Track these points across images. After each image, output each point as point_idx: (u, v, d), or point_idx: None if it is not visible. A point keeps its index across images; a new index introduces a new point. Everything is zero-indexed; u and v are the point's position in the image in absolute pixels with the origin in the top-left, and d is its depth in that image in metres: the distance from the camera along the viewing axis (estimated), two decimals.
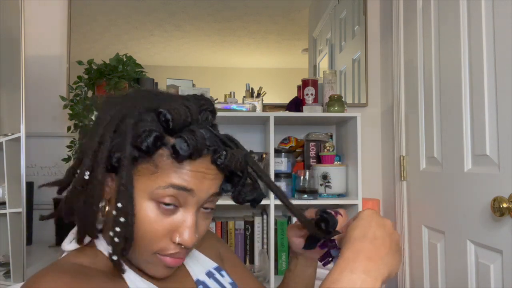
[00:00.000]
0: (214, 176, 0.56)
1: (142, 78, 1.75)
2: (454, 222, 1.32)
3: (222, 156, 0.55)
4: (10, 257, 1.45)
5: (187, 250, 0.57)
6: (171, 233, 0.54)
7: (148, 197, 0.53)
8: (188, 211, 0.55)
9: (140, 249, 0.54)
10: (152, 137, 0.51)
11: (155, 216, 0.53)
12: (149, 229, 0.53)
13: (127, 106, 0.55)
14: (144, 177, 0.53)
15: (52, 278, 0.49)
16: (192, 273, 0.67)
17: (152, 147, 0.51)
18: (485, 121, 1.15)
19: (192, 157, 0.53)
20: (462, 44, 1.28)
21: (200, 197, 0.55)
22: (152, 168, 0.53)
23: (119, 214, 0.50)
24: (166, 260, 0.55)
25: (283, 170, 1.69)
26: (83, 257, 0.57)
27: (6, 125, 1.58)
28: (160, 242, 0.54)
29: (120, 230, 0.50)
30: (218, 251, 0.77)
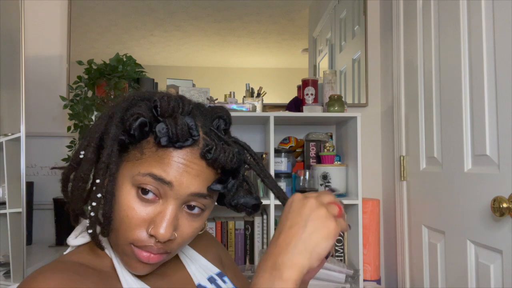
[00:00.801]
0: (198, 172, 0.54)
1: (142, 78, 1.75)
2: (454, 222, 1.32)
3: (212, 150, 0.54)
4: (10, 257, 1.45)
5: (162, 247, 0.54)
6: (147, 223, 0.53)
7: (131, 183, 0.53)
8: (168, 204, 0.53)
9: (118, 236, 0.54)
10: (138, 121, 0.52)
11: (134, 203, 0.53)
12: (125, 214, 0.52)
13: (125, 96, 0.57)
14: (131, 163, 0.54)
15: (48, 277, 0.50)
16: (194, 278, 0.66)
17: (138, 132, 0.53)
18: (485, 121, 1.15)
19: (175, 144, 0.52)
20: (462, 44, 1.28)
21: (179, 191, 0.53)
22: (138, 154, 0.54)
23: (97, 190, 0.52)
24: (139, 253, 0.53)
25: (283, 170, 1.69)
26: (84, 255, 0.58)
27: (6, 125, 1.58)
28: (136, 231, 0.53)
29: (95, 204, 0.52)
30: (219, 256, 0.76)
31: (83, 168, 0.53)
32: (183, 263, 0.68)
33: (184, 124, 0.52)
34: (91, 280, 0.53)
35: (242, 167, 0.60)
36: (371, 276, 1.75)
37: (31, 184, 1.81)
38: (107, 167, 0.52)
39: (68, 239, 0.61)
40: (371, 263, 1.75)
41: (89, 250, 0.59)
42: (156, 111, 0.53)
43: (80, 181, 0.54)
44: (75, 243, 0.60)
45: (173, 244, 0.55)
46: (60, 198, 1.78)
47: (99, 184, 0.52)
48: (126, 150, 0.55)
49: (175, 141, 0.52)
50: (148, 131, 0.53)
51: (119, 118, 0.53)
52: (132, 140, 0.54)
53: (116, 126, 0.53)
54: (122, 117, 0.53)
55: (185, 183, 0.53)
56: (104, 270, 0.57)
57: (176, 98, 0.55)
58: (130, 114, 0.53)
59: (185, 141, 0.53)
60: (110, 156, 0.52)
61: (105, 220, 0.52)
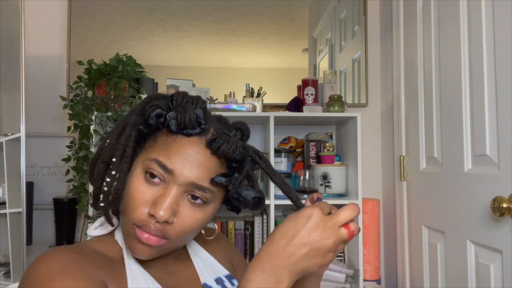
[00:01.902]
0: (200, 162, 0.57)
1: (142, 78, 1.75)
2: (454, 222, 1.32)
3: (216, 139, 0.58)
4: (10, 257, 1.45)
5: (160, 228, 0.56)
6: (149, 204, 0.56)
7: (141, 167, 0.58)
8: (170, 188, 0.56)
9: (125, 217, 0.58)
10: (155, 111, 0.58)
11: (140, 184, 0.57)
12: (132, 195, 0.57)
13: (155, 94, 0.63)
14: (145, 150, 0.60)
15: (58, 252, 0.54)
16: (200, 276, 0.67)
17: (154, 121, 0.59)
18: (485, 121, 1.15)
19: (184, 131, 0.57)
20: (462, 44, 1.28)
21: (180, 179, 0.56)
22: (151, 143, 0.59)
23: (113, 168, 0.58)
24: (140, 233, 0.56)
25: (283, 170, 1.69)
26: (100, 244, 0.62)
27: (6, 125, 1.58)
28: (138, 211, 0.56)
29: (110, 180, 0.58)
30: (229, 257, 0.77)
31: (106, 151, 0.59)
32: (192, 261, 0.69)
33: (193, 112, 0.57)
34: (97, 263, 0.56)
35: (247, 163, 0.62)
36: (371, 276, 1.75)
37: (31, 184, 1.81)
38: (124, 150, 0.58)
39: (88, 229, 0.65)
40: (371, 263, 1.75)
41: (105, 240, 0.63)
42: (172, 104, 0.59)
43: (102, 163, 0.59)
44: (93, 234, 0.64)
45: (172, 230, 0.57)
46: (60, 198, 1.78)
47: (114, 163, 0.58)
48: (144, 140, 0.61)
49: (183, 128, 0.57)
50: (163, 122, 0.59)
51: (140, 109, 0.60)
52: (149, 130, 0.60)
53: (136, 115, 0.60)
54: (143, 108, 0.60)
55: (186, 171, 0.56)
56: (113, 257, 0.60)
57: (192, 96, 0.61)
58: (149, 106, 0.59)
59: (193, 128, 0.57)
60: (127, 139, 0.58)
61: (114, 196, 0.57)
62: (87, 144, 1.54)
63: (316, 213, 0.51)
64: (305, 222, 0.51)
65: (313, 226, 0.51)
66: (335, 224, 0.52)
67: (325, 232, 0.51)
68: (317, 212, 0.51)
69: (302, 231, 0.50)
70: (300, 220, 0.51)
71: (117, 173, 0.58)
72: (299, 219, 0.52)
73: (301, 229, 0.51)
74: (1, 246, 1.57)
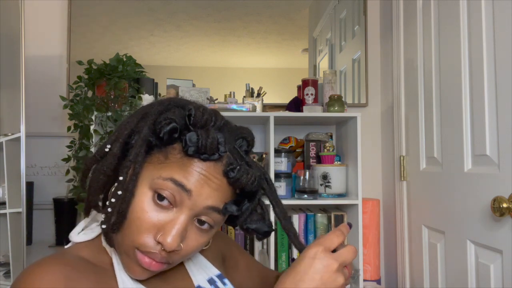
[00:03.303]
0: (218, 186, 0.54)
1: (142, 78, 1.75)
2: (454, 222, 1.32)
3: (235, 169, 0.54)
4: (10, 257, 1.45)
5: (166, 256, 0.54)
6: (156, 229, 0.53)
7: (149, 185, 0.53)
8: (181, 213, 0.53)
9: (125, 236, 0.54)
10: (170, 126, 0.53)
11: (148, 206, 0.53)
12: (137, 216, 0.52)
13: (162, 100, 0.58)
14: (152, 165, 0.54)
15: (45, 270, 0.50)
16: (193, 279, 0.66)
17: (167, 136, 0.53)
18: (485, 121, 1.15)
19: (201, 155, 0.53)
20: (462, 44, 1.28)
21: (197, 202, 0.53)
22: (161, 158, 0.54)
23: (118, 187, 0.52)
24: (142, 258, 0.53)
25: (283, 170, 1.69)
26: (86, 250, 0.58)
27: (6, 125, 1.58)
28: (143, 236, 0.52)
29: (115, 201, 0.52)
30: (221, 253, 0.76)
31: (107, 161, 0.54)
32: (184, 264, 0.67)
33: (215, 138, 0.53)
34: (87, 276, 0.53)
35: (259, 192, 0.60)
36: (371, 276, 1.75)
37: (31, 184, 1.81)
38: (133, 166, 0.53)
39: (70, 234, 0.61)
40: (371, 263, 1.75)
41: (91, 247, 0.59)
42: (189, 120, 0.54)
43: (102, 174, 0.54)
44: (77, 240, 0.60)
45: (177, 256, 0.55)
46: (60, 198, 1.78)
47: (121, 181, 0.52)
48: (149, 152, 0.55)
49: (202, 153, 0.53)
50: (177, 138, 0.54)
51: (153, 120, 0.54)
52: (159, 143, 0.54)
53: (149, 127, 0.54)
54: (155, 119, 0.54)
55: (204, 194, 0.53)
56: (103, 267, 0.57)
57: (210, 111, 0.56)
58: (163, 118, 0.54)
59: (211, 154, 0.53)
60: (137, 155, 0.53)
61: (118, 217, 0.52)
62: (87, 144, 1.54)
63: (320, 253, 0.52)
64: (311, 262, 0.51)
65: (322, 267, 0.51)
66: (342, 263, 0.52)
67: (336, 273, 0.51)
68: (321, 252, 0.52)
69: (310, 273, 0.51)
70: (306, 261, 0.52)
71: (123, 193, 0.52)
72: (305, 260, 0.52)
73: (309, 271, 0.51)
74: (1, 246, 1.57)
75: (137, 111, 0.57)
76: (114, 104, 1.55)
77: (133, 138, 0.54)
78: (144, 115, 0.56)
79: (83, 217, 0.64)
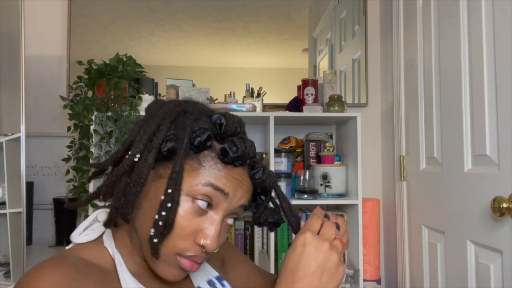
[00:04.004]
0: (247, 187, 0.59)
1: (142, 78, 1.74)
2: (454, 222, 1.32)
3: (260, 171, 0.59)
4: (10, 257, 1.45)
5: (205, 256, 0.57)
6: (196, 233, 0.55)
7: (185, 193, 0.54)
8: (217, 215, 0.56)
9: (166, 244, 0.54)
10: (206, 135, 0.55)
11: (187, 213, 0.54)
12: (178, 224, 0.54)
13: (184, 104, 0.60)
14: (186, 172, 0.55)
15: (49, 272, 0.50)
16: (193, 280, 0.67)
17: (203, 145, 0.56)
18: (485, 121, 1.15)
19: (236, 162, 0.56)
20: (462, 44, 1.28)
21: (232, 203, 0.57)
22: (195, 165, 0.55)
23: (167, 199, 0.53)
24: (184, 262, 0.55)
25: (283, 170, 1.69)
26: (88, 251, 0.58)
27: (6, 125, 1.58)
28: (185, 241, 0.54)
29: (165, 214, 0.52)
30: (221, 256, 0.76)
31: (142, 173, 0.54)
32: None
33: (250, 146, 0.58)
34: (91, 278, 0.53)
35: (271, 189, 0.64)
36: (371, 276, 1.75)
37: (31, 184, 1.81)
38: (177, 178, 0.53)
39: (72, 235, 0.61)
40: (371, 263, 1.75)
41: (93, 248, 0.59)
42: (220, 128, 0.57)
43: (139, 186, 0.54)
44: (78, 240, 0.60)
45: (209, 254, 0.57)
46: (60, 198, 1.78)
47: (169, 194, 0.53)
48: None
49: (238, 160, 0.57)
50: (208, 145, 0.56)
51: (190, 129, 0.56)
52: (192, 152, 0.56)
53: (189, 137, 0.55)
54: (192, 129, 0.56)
55: (238, 196, 0.57)
56: (105, 267, 0.57)
57: (237, 120, 0.59)
58: (198, 127, 0.56)
59: (245, 161, 0.58)
60: (181, 166, 0.54)
61: (166, 228, 0.53)
62: (87, 144, 1.54)
63: (309, 238, 0.53)
64: (302, 250, 0.53)
65: (313, 251, 0.52)
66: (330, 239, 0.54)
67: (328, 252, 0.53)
68: (309, 237, 0.53)
69: (304, 259, 0.52)
70: (297, 249, 0.53)
71: (173, 205, 0.53)
72: (296, 249, 0.54)
73: (301, 258, 0.53)
74: (1, 246, 1.57)
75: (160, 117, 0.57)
76: (114, 104, 1.55)
77: (165, 146, 0.55)
78: (172, 122, 0.57)
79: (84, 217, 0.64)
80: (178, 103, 0.60)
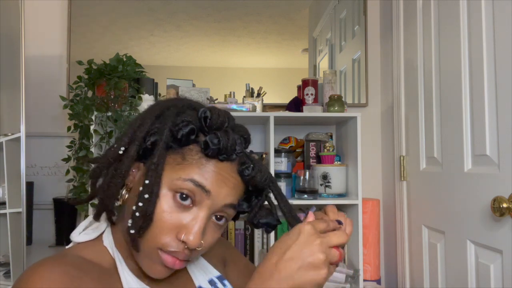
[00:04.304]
0: (234, 185, 0.57)
1: (142, 78, 1.75)
2: (454, 222, 1.32)
3: (250, 167, 0.57)
4: (10, 257, 1.45)
5: (188, 254, 0.55)
6: (179, 229, 0.54)
7: (168, 187, 0.54)
8: (201, 211, 0.55)
9: (146, 239, 0.54)
10: (188, 128, 0.54)
11: (169, 207, 0.54)
12: (159, 218, 0.53)
13: (173, 100, 0.60)
14: (170, 166, 0.55)
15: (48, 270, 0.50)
16: (194, 280, 0.66)
17: (185, 138, 0.55)
18: (485, 121, 1.15)
19: (220, 156, 0.55)
20: (462, 44, 1.28)
21: (216, 201, 0.55)
22: (179, 159, 0.55)
23: (145, 190, 0.53)
24: (165, 258, 0.54)
25: (283, 170, 1.69)
26: (88, 251, 0.58)
27: (6, 125, 1.58)
28: (166, 236, 0.54)
29: (142, 205, 0.52)
30: (222, 257, 0.76)
31: (125, 165, 0.55)
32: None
33: (234, 139, 0.56)
34: (91, 276, 0.53)
35: (267, 188, 0.62)
36: (371, 276, 1.75)
37: (31, 184, 1.81)
38: (157, 169, 0.53)
39: (72, 234, 0.61)
40: (371, 263, 1.75)
41: (92, 247, 0.59)
42: (205, 122, 0.56)
43: (119, 178, 0.55)
44: (78, 240, 0.60)
45: (197, 252, 0.57)
46: (60, 198, 1.78)
47: (148, 185, 0.53)
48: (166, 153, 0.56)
49: (221, 154, 0.55)
50: (193, 139, 0.55)
51: (172, 122, 0.55)
52: (175, 145, 0.56)
53: (170, 129, 0.55)
54: (173, 122, 0.55)
55: (222, 193, 0.55)
56: (106, 267, 0.57)
57: (224, 113, 0.58)
58: (181, 120, 0.55)
59: (230, 155, 0.56)
60: (160, 157, 0.54)
61: (145, 220, 0.53)
62: (87, 144, 1.54)
63: (307, 228, 0.52)
64: (296, 238, 0.52)
65: (303, 242, 0.51)
66: (327, 242, 0.52)
67: (316, 248, 0.51)
68: (308, 228, 0.52)
69: (293, 246, 0.51)
70: (291, 235, 0.52)
71: (150, 196, 0.53)
72: (290, 235, 0.53)
73: (291, 244, 0.51)
74: (1, 246, 1.57)
75: (148, 112, 0.58)
76: (114, 104, 1.55)
77: (149, 140, 0.55)
78: (157, 117, 0.57)
79: (84, 217, 0.64)
80: (167, 99, 0.60)
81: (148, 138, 0.55)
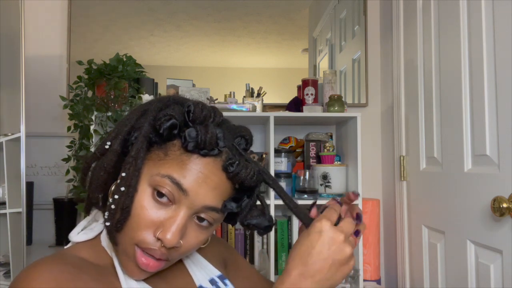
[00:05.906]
0: (216, 184, 0.54)
1: (142, 78, 1.75)
2: (454, 222, 1.32)
3: (234, 164, 0.54)
4: (10, 257, 1.45)
5: (165, 253, 0.54)
6: (156, 226, 0.53)
7: (148, 182, 0.54)
8: (180, 210, 0.53)
9: (124, 234, 0.54)
10: (169, 122, 0.53)
11: (147, 203, 0.53)
12: (137, 213, 0.52)
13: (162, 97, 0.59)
14: (152, 162, 0.55)
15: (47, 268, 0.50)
16: (195, 279, 0.66)
17: (167, 132, 0.54)
18: (485, 121, 1.15)
19: (201, 151, 0.53)
20: (462, 44, 1.28)
21: (194, 201, 0.53)
22: (161, 155, 0.54)
23: (121, 183, 0.53)
24: (139, 257, 0.53)
25: (283, 170, 1.69)
26: (86, 251, 0.58)
27: (6, 125, 1.58)
28: (143, 232, 0.53)
29: (118, 197, 0.52)
30: (223, 257, 0.76)
31: (108, 158, 0.55)
32: (185, 264, 0.67)
33: (214, 133, 0.53)
34: (89, 274, 0.53)
35: (258, 187, 0.60)
36: (371, 276, 1.75)
37: (31, 184, 1.80)
38: (135, 163, 0.53)
39: (70, 234, 0.61)
40: (371, 263, 1.75)
41: (90, 247, 0.59)
42: (188, 116, 0.55)
43: (102, 171, 0.55)
44: (77, 239, 0.59)
45: (176, 252, 0.55)
46: (60, 198, 1.78)
47: (124, 178, 0.53)
48: (149, 148, 0.55)
49: (201, 148, 0.53)
50: (176, 134, 0.54)
51: (153, 116, 0.54)
52: (158, 140, 0.55)
53: (150, 123, 0.54)
54: (155, 115, 0.54)
55: (201, 194, 0.53)
56: (104, 266, 0.57)
57: (209, 108, 0.56)
58: (163, 114, 0.54)
59: (211, 150, 0.54)
60: (138, 151, 0.53)
61: (122, 213, 0.52)
62: (87, 144, 1.54)
63: (326, 226, 0.53)
64: (318, 237, 0.52)
65: (329, 240, 0.52)
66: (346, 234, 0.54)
67: (343, 244, 0.53)
68: (328, 225, 0.53)
69: (317, 247, 0.52)
70: (312, 236, 0.53)
71: (126, 189, 0.52)
72: (311, 236, 0.53)
73: (316, 245, 0.52)
74: (1, 246, 1.57)
75: (136, 109, 0.58)
76: (114, 104, 1.55)
77: (133, 135, 0.55)
78: (143, 112, 0.56)
79: (84, 217, 0.63)
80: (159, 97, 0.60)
81: (133, 133, 0.55)
